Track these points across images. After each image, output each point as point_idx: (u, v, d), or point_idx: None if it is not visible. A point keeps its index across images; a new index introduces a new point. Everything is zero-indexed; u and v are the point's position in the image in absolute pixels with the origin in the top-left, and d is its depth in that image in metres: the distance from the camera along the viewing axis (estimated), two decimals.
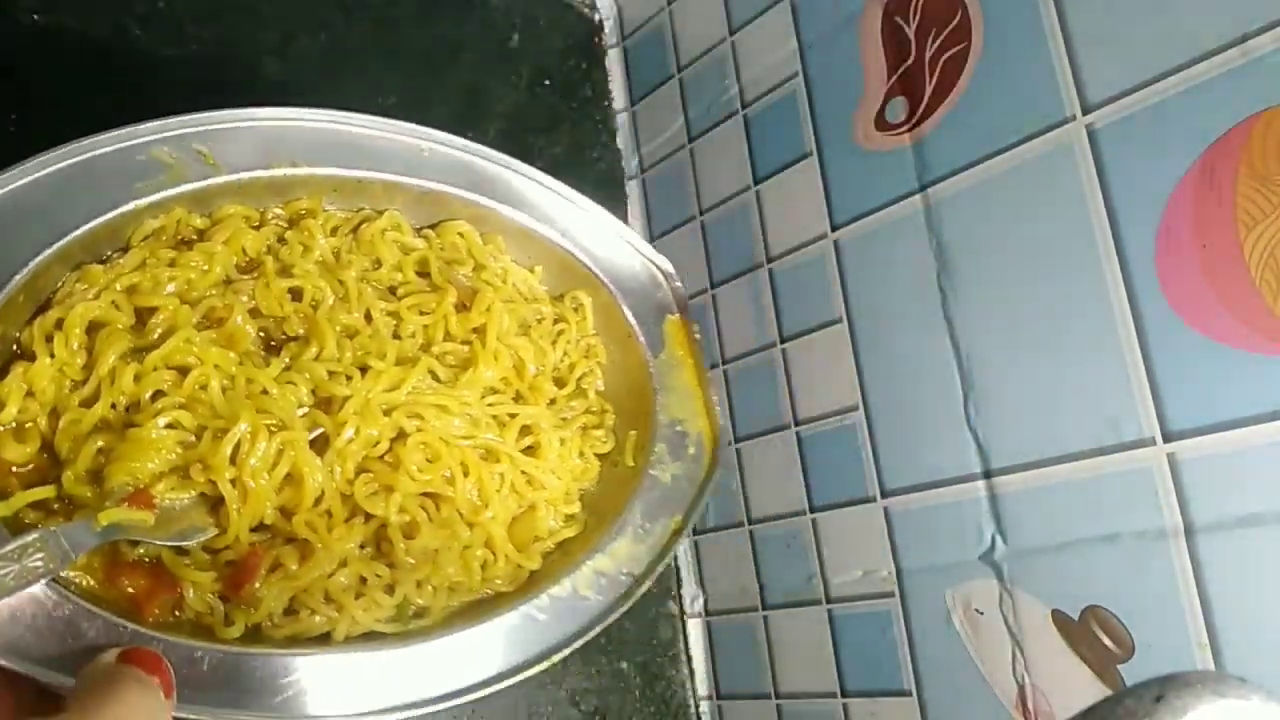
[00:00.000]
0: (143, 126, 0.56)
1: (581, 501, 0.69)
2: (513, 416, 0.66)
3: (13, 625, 0.46)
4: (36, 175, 0.53)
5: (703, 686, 0.93)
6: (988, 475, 0.69)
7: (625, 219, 1.02)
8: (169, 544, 0.52)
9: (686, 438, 0.72)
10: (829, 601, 0.80)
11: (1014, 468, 0.68)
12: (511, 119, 0.97)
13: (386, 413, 0.60)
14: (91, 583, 0.51)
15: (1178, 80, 0.60)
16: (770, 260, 0.87)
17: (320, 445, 0.57)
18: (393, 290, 0.66)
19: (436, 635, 0.57)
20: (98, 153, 0.55)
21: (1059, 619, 0.66)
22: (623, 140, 1.06)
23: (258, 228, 0.61)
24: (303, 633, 0.56)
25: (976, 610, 0.70)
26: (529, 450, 0.66)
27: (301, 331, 0.60)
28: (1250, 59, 0.57)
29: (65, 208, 0.54)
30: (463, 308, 0.67)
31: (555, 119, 1.02)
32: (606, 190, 1.03)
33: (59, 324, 0.53)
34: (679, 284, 0.75)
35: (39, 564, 0.46)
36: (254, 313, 0.59)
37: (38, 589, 0.46)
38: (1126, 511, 0.62)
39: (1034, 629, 0.67)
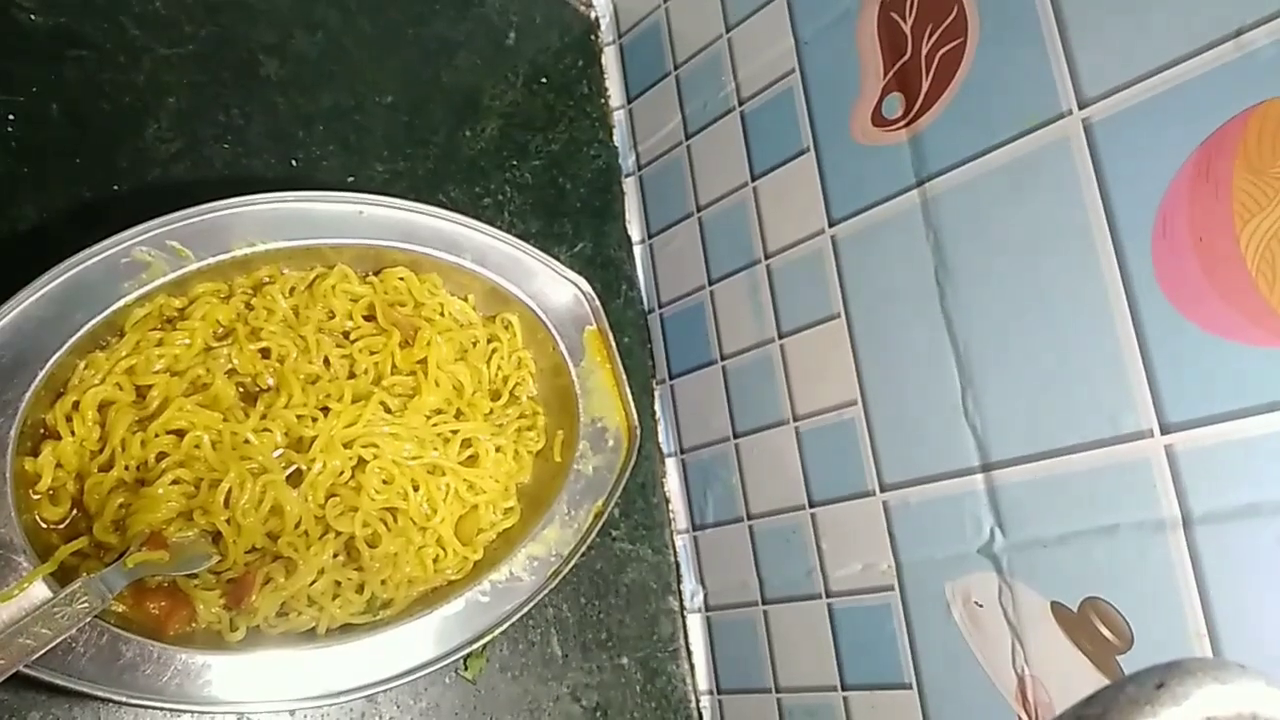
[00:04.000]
0: (124, 234, 0.67)
1: (518, 493, 0.83)
2: (454, 433, 0.80)
3: (69, 654, 0.60)
4: (41, 292, 0.64)
5: (703, 681, 0.94)
6: (986, 468, 0.70)
7: (622, 216, 1.05)
8: (181, 573, 0.67)
9: (606, 432, 0.86)
10: (829, 595, 0.81)
11: (1012, 460, 0.68)
12: (508, 117, 0.98)
13: (347, 445, 0.73)
14: (123, 608, 0.65)
15: (1173, 74, 0.60)
16: (768, 256, 0.88)
17: (295, 479, 0.71)
18: (346, 335, 0.79)
19: (400, 622, 0.72)
20: (88, 264, 0.66)
21: (1058, 610, 0.66)
22: (619, 137, 1.07)
23: (227, 299, 0.74)
24: (293, 629, 0.71)
25: (976, 603, 0.70)
26: (470, 460, 0.80)
27: (273, 382, 0.73)
28: (1245, 52, 0.57)
29: (69, 313, 0.66)
30: (406, 344, 0.79)
31: (552, 117, 1.03)
32: (603, 187, 1.05)
33: (75, 406, 0.66)
34: (596, 301, 0.87)
35: (85, 605, 0.60)
36: (231, 373, 0.72)
37: (85, 625, 0.61)
38: (1125, 503, 0.62)
39: (1033, 621, 0.67)
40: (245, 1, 0.84)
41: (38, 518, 0.64)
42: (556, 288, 0.87)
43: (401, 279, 0.81)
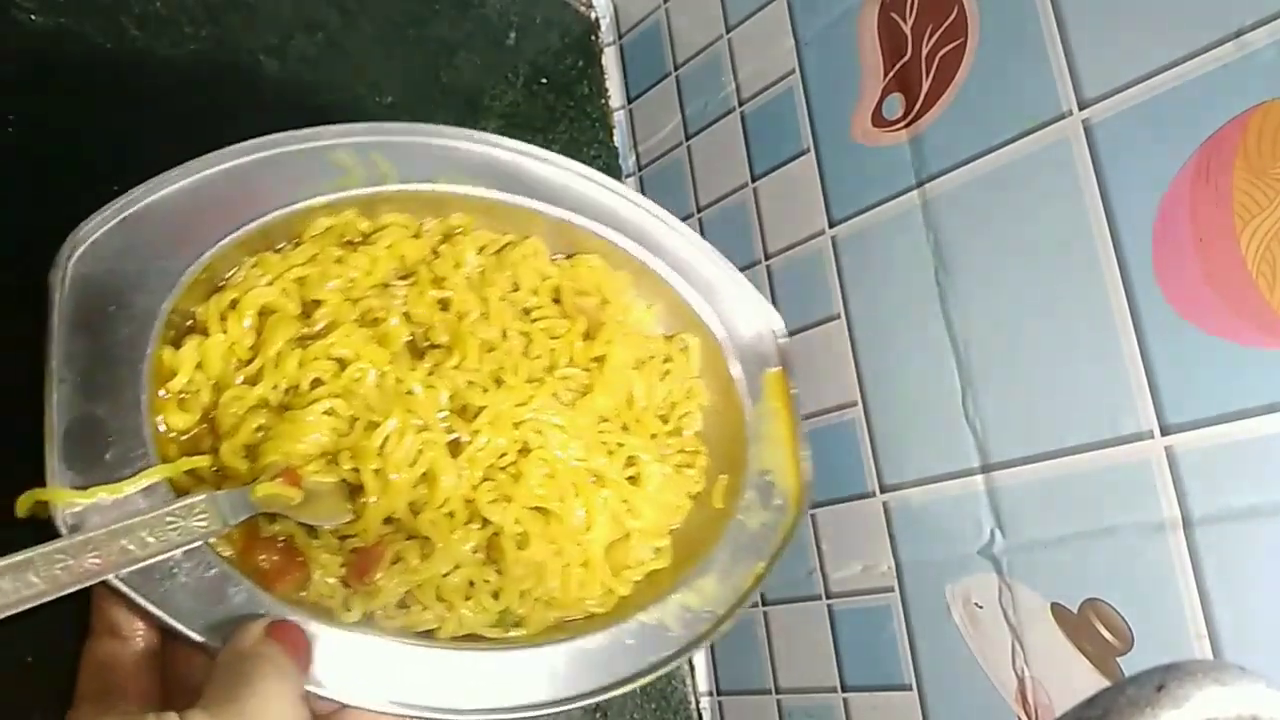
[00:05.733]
0: (329, 129, 0.60)
1: (669, 537, 0.72)
2: (620, 446, 0.69)
3: (169, 580, 0.49)
4: (228, 165, 0.56)
5: (703, 682, 0.93)
6: (986, 469, 0.70)
7: None
8: (308, 523, 0.55)
9: (774, 489, 0.75)
10: (829, 596, 0.82)
11: (1012, 462, 0.68)
12: (509, 117, 0.97)
13: (515, 426, 0.63)
14: (230, 553, 0.53)
15: (1174, 75, 0.60)
16: (768, 257, 0.89)
17: (454, 449, 0.60)
18: (526, 312, 0.69)
19: (537, 644, 0.60)
20: (287, 149, 0.58)
21: (1058, 612, 0.66)
22: (620, 138, 1.06)
23: (416, 238, 0.65)
24: (412, 626, 0.58)
25: (976, 604, 0.71)
26: (631, 479, 0.69)
27: (445, 340, 0.64)
28: (1246, 53, 0.57)
29: (251, 198, 0.57)
30: (587, 336, 0.70)
31: (553, 117, 1.01)
32: None
33: (234, 304, 0.56)
34: (785, 339, 0.78)
35: (202, 524, 0.49)
36: (406, 317, 0.62)
37: (194, 550, 0.49)
38: (1125, 505, 0.62)
39: (1033, 622, 0.67)
40: (245, 3, 0.81)
41: (160, 421, 0.54)
42: (743, 317, 0.77)
43: (592, 268, 0.72)
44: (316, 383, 0.57)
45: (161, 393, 0.54)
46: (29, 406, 0.47)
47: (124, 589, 0.47)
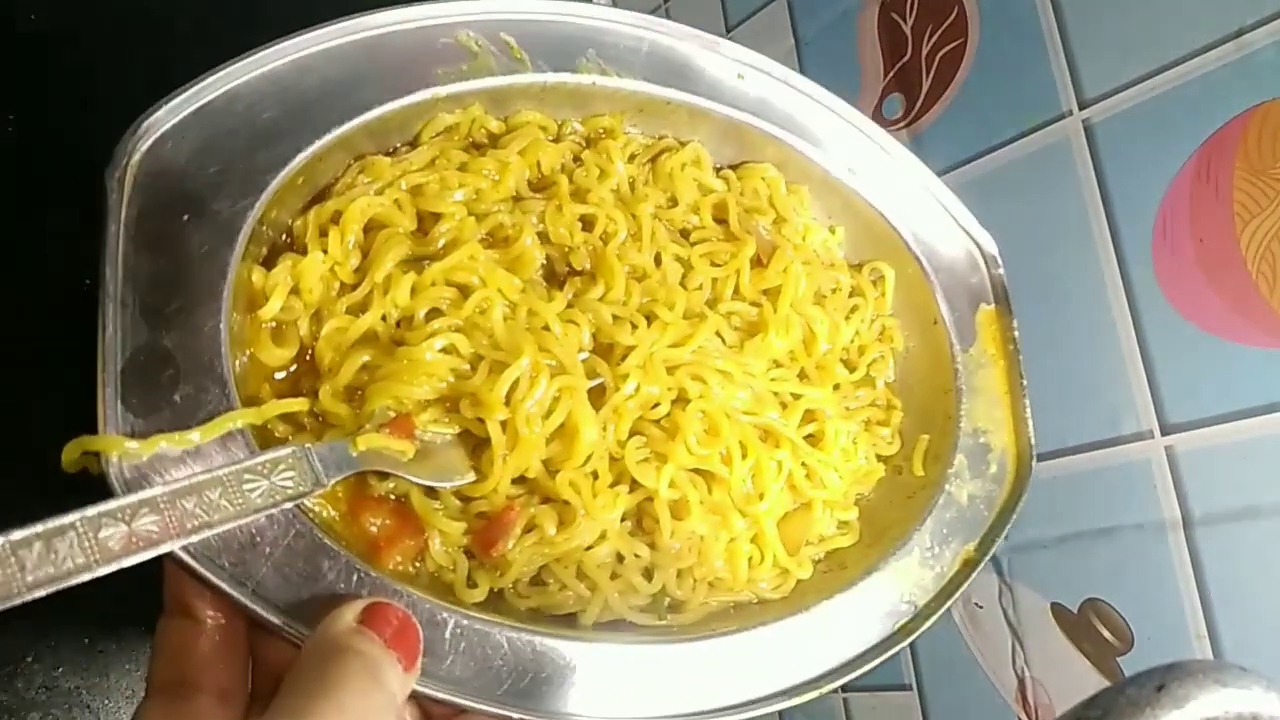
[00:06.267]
0: (452, 4, 0.49)
1: (857, 509, 0.59)
2: (796, 397, 0.57)
3: (249, 553, 0.39)
4: (326, 45, 0.47)
5: None
6: None
7: None
8: (423, 482, 0.45)
9: (989, 452, 0.61)
10: None
11: None
12: None
13: (669, 371, 0.51)
14: (333, 515, 0.44)
15: (1174, 75, 0.60)
16: None
17: (595, 397, 0.50)
18: (684, 234, 0.57)
19: (696, 636, 0.49)
20: (397, 28, 0.48)
21: (1058, 612, 0.66)
22: None
23: (554, 141, 0.54)
24: (548, 608, 0.48)
25: (976, 604, 0.71)
26: (810, 439, 0.57)
27: (587, 266, 0.53)
28: (1245, 53, 0.57)
29: (356, 87, 0.47)
30: (758, 263, 0.57)
31: None
32: None
33: (336, 217, 0.46)
34: (1001, 270, 0.63)
35: (289, 484, 0.39)
36: (541, 238, 0.51)
37: (280, 513, 0.40)
38: (1125, 504, 0.62)
39: (1033, 622, 0.68)
40: None
41: (245, 356, 0.45)
42: (946, 242, 0.63)
43: (765, 180, 0.59)
44: (434, 314, 0.47)
45: (254, 321, 0.45)
46: (79, 332, 0.39)
47: (190, 563, 0.38)
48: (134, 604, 0.45)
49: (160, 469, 0.38)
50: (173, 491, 0.36)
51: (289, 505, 0.40)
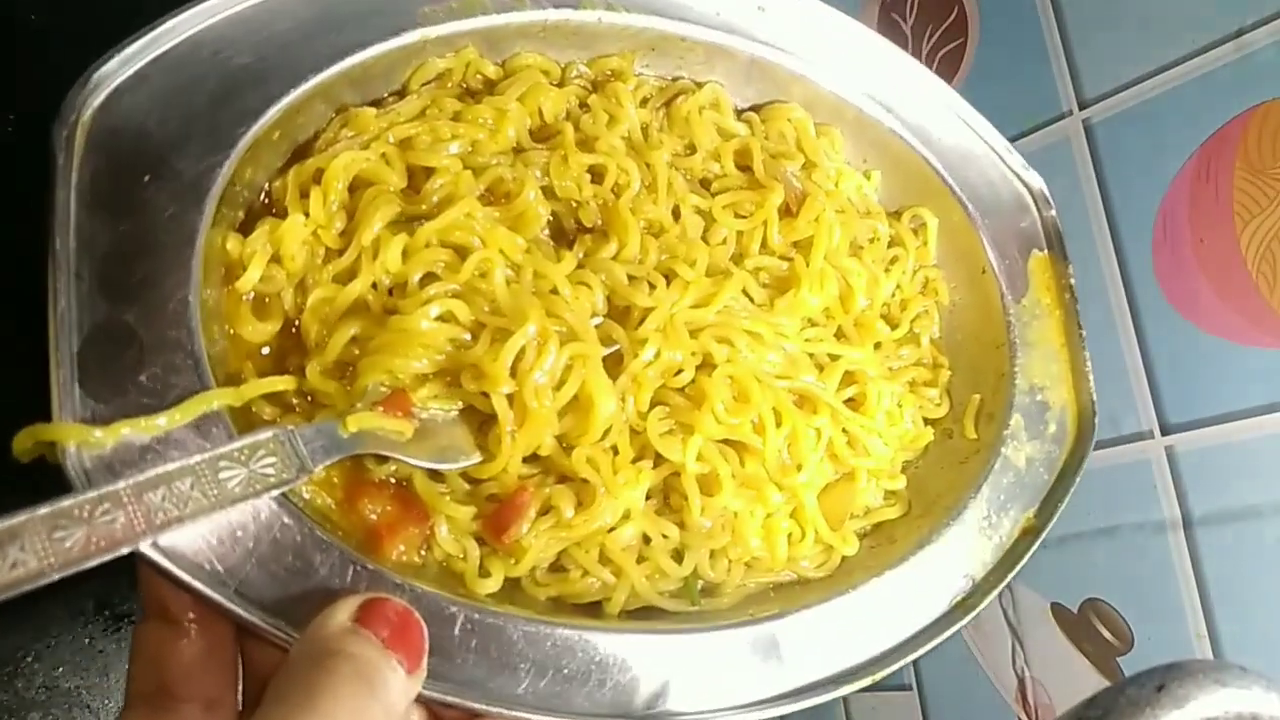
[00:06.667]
0: None
1: (904, 477, 0.54)
2: (834, 358, 0.52)
3: (230, 548, 0.36)
4: None
5: None
6: None
7: None
8: (425, 465, 0.41)
9: (1047, 410, 0.56)
10: None
11: None
12: None
13: (692, 334, 0.47)
14: (328, 502, 0.40)
15: (1174, 75, 0.60)
16: None
17: (612, 366, 0.45)
18: (704, 184, 0.53)
19: (730, 623, 0.44)
20: None
21: (1058, 612, 0.67)
22: None
23: (558, 86, 0.49)
24: (570, 596, 0.44)
25: None
26: (851, 403, 0.52)
27: (598, 222, 0.48)
28: (1245, 53, 0.57)
29: (334, 30, 0.43)
30: (787, 213, 0.52)
31: None
32: None
33: (317, 176, 0.42)
34: (1053, 211, 0.58)
35: (270, 471, 0.35)
36: (546, 192, 0.47)
37: (265, 503, 0.36)
38: (1125, 504, 0.63)
39: (1033, 622, 0.68)
40: None
41: (230, 331, 0.40)
42: (992, 183, 0.58)
43: (792, 122, 0.54)
44: (429, 279, 0.43)
45: (234, 293, 0.41)
46: (30, 309, 0.35)
47: (161, 561, 0.34)
48: (135, 602, 0.42)
49: (127, 459, 0.34)
50: (137, 484, 0.32)
51: (273, 494, 0.36)
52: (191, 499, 0.33)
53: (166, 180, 0.38)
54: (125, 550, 0.32)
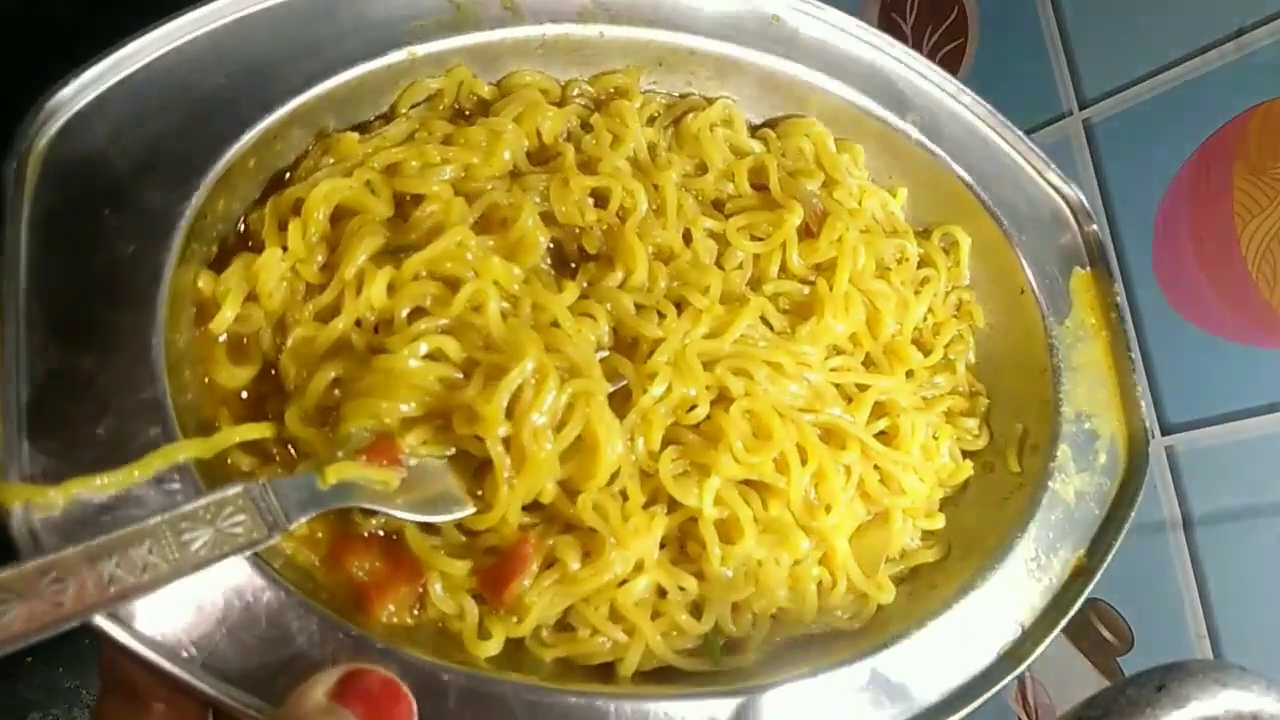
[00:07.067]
0: None
1: (943, 516, 0.50)
2: (863, 389, 0.48)
3: (197, 617, 0.32)
4: (275, 1, 0.39)
5: None
6: None
7: None
8: (414, 518, 0.38)
9: (1096, 439, 0.51)
10: None
11: None
12: None
13: (706, 366, 0.43)
14: (312, 559, 0.37)
15: (1175, 74, 0.60)
16: None
17: (619, 403, 0.42)
18: (718, 205, 0.49)
19: (763, 682, 0.40)
20: None
21: None
22: None
23: (558, 105, 0.46)
24: (579, 657, 0.40)
25: None
26: (882, 437, 0.48)
27: (603, 250, 0.45)
28: (1246, 53, 0.57)
29: (314, 49, 0.40)
30: (808, 234, 0.49)
31: None
32: None
33: (297, 207, 0.39)
34: (1094, 226, 0.54)
35: (239, 531, 0.32)
36: (545, 218, 0.44)
37: (237, 565, 0.33)
38: None
39: None
40: None
41: (204, 376, 0.37)
42: (1028, 198, 0.54)
43: (809, 138, 0.51)
44: (417, 314, 0.39)
45: (208, 335, 0.38)
46: None
47: (117, 635, 0.30)
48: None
49: (83, 520, 0.31)
50: (85, 551, 0.29)
51: (243, 555, 0.32)
52: (150, 564, 0.30)
53: (130, 213, 0.35)
54: (73, 624, 0.29)
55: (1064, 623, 0.46)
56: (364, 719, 0.30)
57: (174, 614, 0.32)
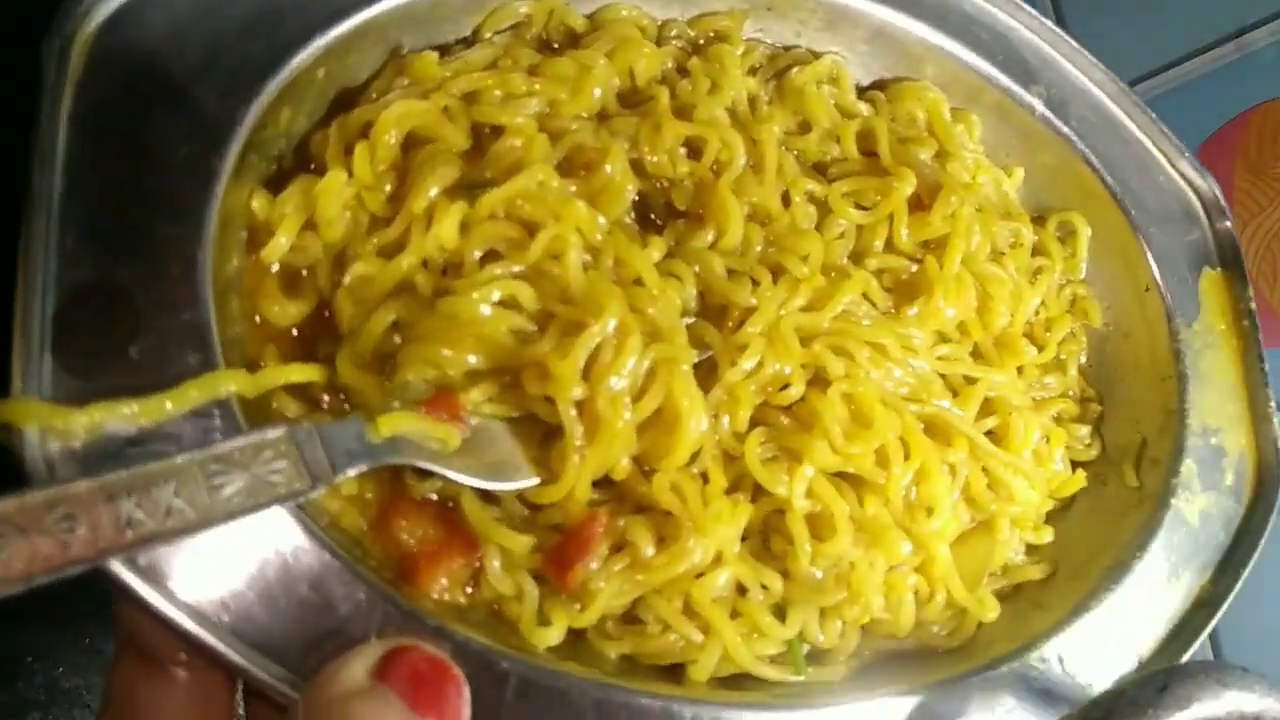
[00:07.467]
0: None
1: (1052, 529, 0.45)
2: (971, 382, 0.43)
3: (227, 577, 0.28)
4: None
5: None
6: None
7: None
8: (474, 483, 0.34)
9: (1223, 457, 0.46)
10: None
11: None
12: None
13: (803, 342, 0.39)
14: (360, 524, 0.33)
15: (1173, 74, 0.60)
16: None
17: (704, 376, 0.37)
18: (820, 169, 0.45)
19: (851, 697, 0.35)
20: None
21: None
22: None
23: (654, 44, 0.42)
24: (646, 655, 0.36)
25: None
26: (990, 436, 0.43)
27: (693, 207, 0.40)
28: (1246, 53, 0.57)
29: None
30: (918, 206, 0.44)
31: None
32: None
33: (366, 130, 0.35)
34: (1229, 222, 0.49)
35: (277, 479, 0.28)
36: (633, 167, 0.39)
37: (277, 519, 0.28)
38: None
39: None
40: None
41: (252, 310, 0.33)
42: (1159, 189, 0.49)
43: (924, 102, 0.46)
44: (491, 258, 0.35)
45: (259, 264, 0.34)
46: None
47: (134, 585, 0.26)
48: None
49: (106, 451, 0.27)
50: (102, 486, 0.25)
51: (282, 508, 0.28)
52: (175, 509, 0.26)
53: (182, 115, 0.31)
54: (82, 569, 0.25)
55: (1186, 657, 0.41)
56: (410, 702, 0.26)
57: (201, 568, 0.28)
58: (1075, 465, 0.47)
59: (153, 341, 0.29)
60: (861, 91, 0.47)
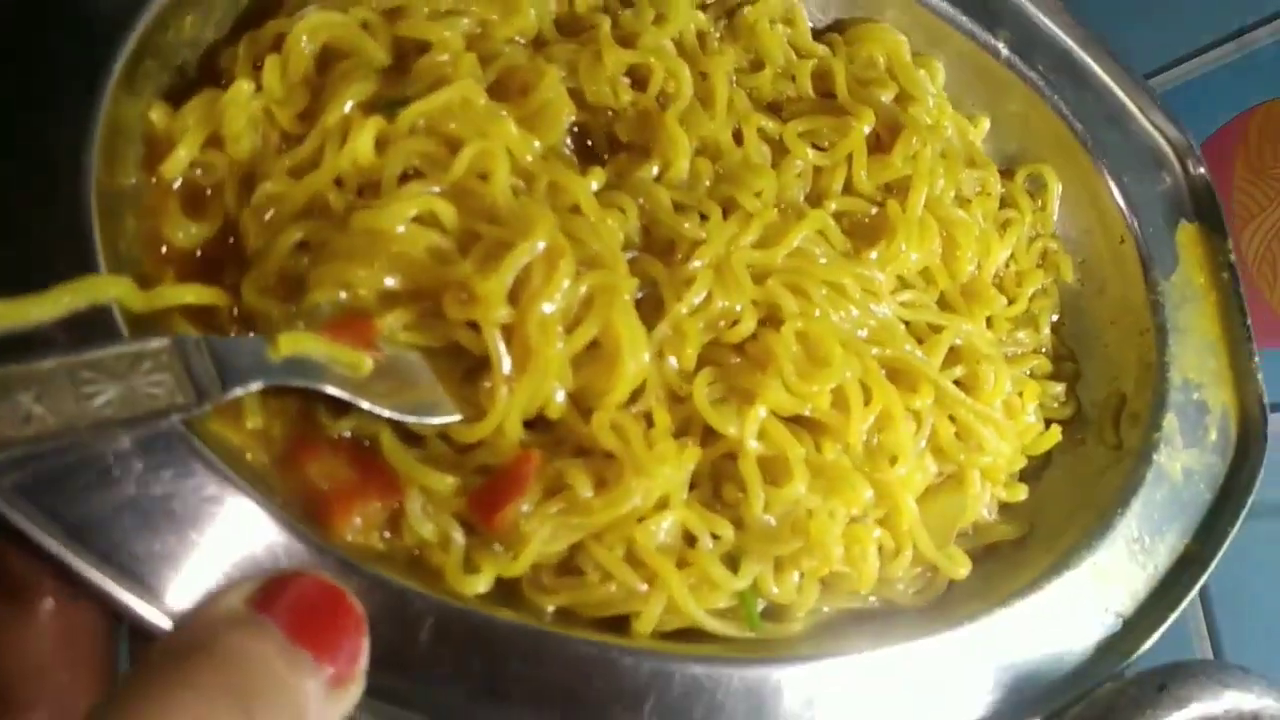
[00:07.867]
0: None
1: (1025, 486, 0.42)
2: (936, 330, 0.41)
3: (93, 498, 0.25)
4: None
5: None
6: None
7: None
8: (391, 415, 0.31)
9: (1206, 413, 0.44)
10: None
11: None
12: None
13: (755, 281, 0.36)
14: (262, 459, 0.30)
15: (1173, 74, 0.60)
16: None
17: (649, 310, 0.34)
18: (774, 108, 0.42)
19: (806, 656, 0.32)
20: None
21: None
22: None
23: None
24: (585, 607, 0.33)
25: None
26: (959, 385, 0.40)
27: (637, 140, 0.38)
28: (1246, 52, 0.57)
29: None
30: (878, 146, 0.42)
31: None
32: None
33: (279, 42, 0.33)
34: (1203, 169, 0.47)
35: (157, 391, 0.25)
36: (573, 96, 0.37)
37: (165, 432, 0.26)
38: None
39: None
40: None
41: (151, 229, 0.31)
42: (1132, 139, 0.47)
43: (886, 43, 0.44)
44: (411, 176, 0.32)
45: (158, 181, 0.31)
46: None
47: None
48: None
49: None
50: None
51: (163, 423, 0.25)
52: (35, 416, 0.23)
53: (73, 12, 0.28)
54: None
55: (1174, 616, 0.38)
56: (289, 633, 0.23)
57: (69, 484, 0.25)
58: (1050, 424, 0.44)
59: (29, 243, 0.26)
60: (818, 34, 0.45)
